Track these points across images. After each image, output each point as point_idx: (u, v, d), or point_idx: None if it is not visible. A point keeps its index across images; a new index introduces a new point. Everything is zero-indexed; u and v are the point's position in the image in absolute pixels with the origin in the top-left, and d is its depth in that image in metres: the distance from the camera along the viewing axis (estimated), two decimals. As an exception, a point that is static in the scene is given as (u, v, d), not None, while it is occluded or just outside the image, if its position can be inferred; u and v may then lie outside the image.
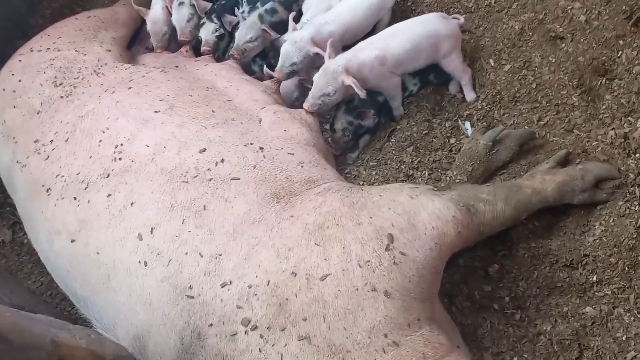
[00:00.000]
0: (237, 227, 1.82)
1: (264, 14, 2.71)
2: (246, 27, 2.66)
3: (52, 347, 1.50)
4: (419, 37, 2.34)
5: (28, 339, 1.45)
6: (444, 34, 2.36)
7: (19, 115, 2.44)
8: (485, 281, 2.07)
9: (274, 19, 2.72)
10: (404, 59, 2.36)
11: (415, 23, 2.39)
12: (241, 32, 2.66)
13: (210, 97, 2.33)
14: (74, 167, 2.14)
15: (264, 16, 2.70)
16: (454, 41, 2.39)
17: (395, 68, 2.36)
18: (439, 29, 2.36)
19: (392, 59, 2.33)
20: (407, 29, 2.36)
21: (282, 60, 2.49)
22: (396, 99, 2.47)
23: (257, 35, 2.64)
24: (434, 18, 2.39)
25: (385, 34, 2.38)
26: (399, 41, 2.32)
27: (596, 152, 2.15)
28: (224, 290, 1.72)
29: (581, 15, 2.40)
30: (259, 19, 2.68)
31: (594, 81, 2.30)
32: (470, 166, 2.20)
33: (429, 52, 2.38)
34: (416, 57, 2.38)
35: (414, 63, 2.40)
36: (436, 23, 2.37)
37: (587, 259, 2.02)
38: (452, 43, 2.38)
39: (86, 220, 1.99)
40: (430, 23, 2.37)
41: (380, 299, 1.63)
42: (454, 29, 2.39)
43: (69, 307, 2.51)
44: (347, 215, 1.79)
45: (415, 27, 2.36)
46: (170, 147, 2.06)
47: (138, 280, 1.83)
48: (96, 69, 2.55)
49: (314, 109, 2.33)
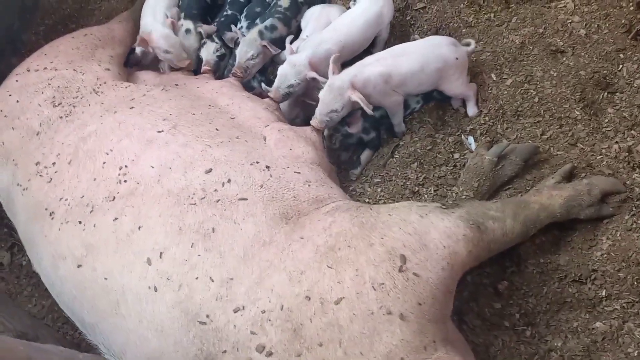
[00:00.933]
0: (247, 250, 1.81)
1: (264, 31, 2.71)
2: (246, 45, 2.65)
3: (66, 380, 1.48)
4: (428, 59, 2.33)
5: (44, 373, 1.42)
6: (452, 62, 2.35)
7: (18, 137, 2.40)
8: (495, 298, 2.06)
9: (273, 35, 2.72)
10: (409, 80, 2.35)
11: (426, 44, 2.38)
12: (242, 50, 2.65)
13: (213, 115, 2.31)
14: (78, 190, 2.11)
15: (263, 33, 2.70)
16: (461, 70, 2.37)
17: (398, 87, 2.36)
18: (448, 56, 2.34)
19: (397, 78, 2.33)
20: (416, 50, 2.35)
21: (279, 82, 2.49)
22: (397, 116, 2.46)
23: (258, 52, 2.64)
24: (444, 44, 2.37)
25: (393, 52, 2.37)
26: (407, 61, 2.32)
27: (601, 166, 2.17)
28: (237, 315, 1.70)
29: (581, 29, 2.43)
30: (258, 35, 2.67)
31: (596, 95, 2.32)
32: (476, 182, 2.20)
33: (435, 77, 2.36)
34: (421, 80, 2.36)
35: (418, 87, 2.39)
36: (445, 49, 2.35)
37: (595, 274, 2.03)
38: (459, 72, 2.37)
39: (93, 245, 1.96)
40: (439, 48, 2.35)
41: (396, 322, 1.62)
42: (463, 57, 2.37)
43: (71, 331, 2.48)
44: (358, 236, 1.77)
45: (425, 49, 2.35)
46: (175, 167, 2.04)
47: (148, 306, 1.80)
48: (95, 88, 2.53)
49: (322, 126, 2.32)
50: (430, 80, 2.38)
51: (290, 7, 2.80)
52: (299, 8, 2.83)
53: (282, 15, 2.78)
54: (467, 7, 2.68)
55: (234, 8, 3.03)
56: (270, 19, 2.75)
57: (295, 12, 2.82)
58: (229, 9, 3.03)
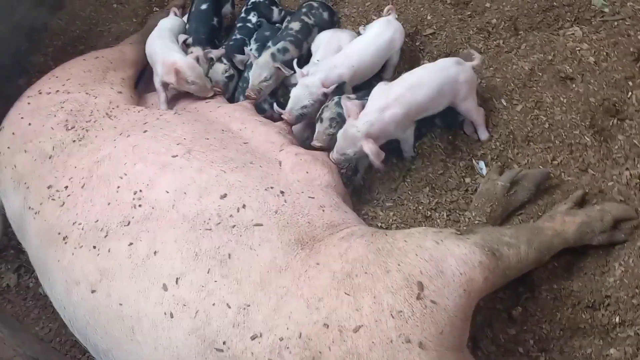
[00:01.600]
0: (264, 276, 1.80)
1: (276, 53, 2.73)
2: (260, 67, 2.67)
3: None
4: (441, 84, 2.36)
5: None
6: (462, 79, 2.38)
7: (30, 160, 2.40)
8: (509, 324, 2.07)
9: (285, 58, 2.74)
10: (427, 107, 2.38)
11: (436, 70, 2.41)
12: (255, 72, 2.68)
13: (227, 140, 2.32)
14: (92, 215, 2.10)
15: (276, 55, 2.72)
16: (470, 86, 2.41)
17: (418, 115, 2.39)
18: (457, 74, 2.38)
19: (416, 109, 2.35)
20: (429, 77, 2.37)
21: (292, 104, 2.50)
22: (409, 143, 2.47)
23: (271, 74, 2.66)
24: (451, 64, 2.40)
25: (407, 84, 2.37)
26: (423, 91, 2.33)
27: (612, 193, 2.18)
28: (255, 343, 1.69)
29: (590, 57, 2.46)
30: (271, 57, 2.70)
31: (606, 121, 2.34)
32: (489, 207, 2.21)
33: (450, 97, 2.40)
34: (438, 103, 2.40)
35: (436, 108, 2.42)
36: (454, 69, 2.38)
37: (609, 300, 2.03)
38: (468, 88, 2.40)
39: (107, 270, 1.95)
40: (449, 69, 2.39)
41: (415, 351, 1.61)
42: (470, 73, 2.41)
43: (79, 355, 2.47)
44: (374, 263, 1.77)
45: (437, 75, 2.38)
46: (190, 193, 2.05)
47: (164, 333, 1.79)
48: (108, 112, 2.53)
49: (338, 165, 2.35)
50: (445, 102, 2.42)
51: (301, 30, 2.83)
52: (310, 30, 2.86)
53: (293, 38, 2.81)
54: (477, 33, 2.72)
55: (242, 32, 3.06)
56: (282, 41, 2.78)
57: (306, 34, 2.85)
58: (238, 33, 3.06)
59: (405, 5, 2.91)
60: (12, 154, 2.46)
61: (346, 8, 3.07)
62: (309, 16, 2.87)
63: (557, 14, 2.67)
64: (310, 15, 2.88)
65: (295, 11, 3.04)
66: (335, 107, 2.44)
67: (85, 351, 2.38)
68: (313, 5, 2.91)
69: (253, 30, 3.06)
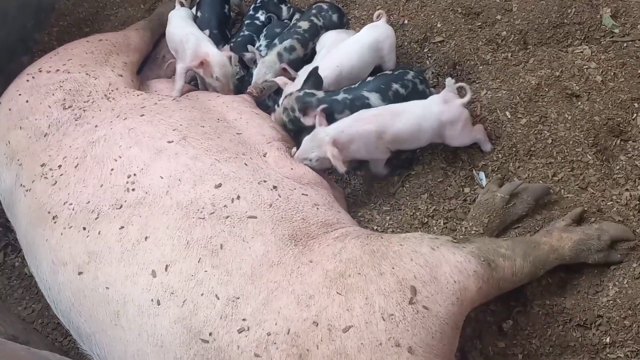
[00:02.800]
0: (255, 270, 1.78)
1: (283, 52, 2.70)
2: (265, 67, 2.65)
3: (64, 392, 1.42)
4: (422, 121, 2.30)
5: (45, 383, 1.37)
6: (444, 119, 2.32)
7: (25, 137, 2.37)
8: (499, 337, 2.04)
9: (292, 57, 2.72)
10: (403, 139, 2.33)
11: (420, 104, 2.36)
12: (260, 71, 2.65)
13: (221, 129, 2.30)
14: (84, 195, 2.07)
15: (282, 55, 2.69)
16: (460, 125, 2.33)
17: (391, 144, 2.34)
18: (440, 114, 2.31)
19: (390, 135, 2.30)
20: (413, 111, 2.32)
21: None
22: (378, 166, 2.44)
23: (276, 74, 2.64)
24: (436, 102, 2.33)
25: (391, 109, 2.34)
26: (402, 120, 2.29)
27: (611, 212, 2.17)
28: (241, 336, 1.66)
29: (597, 76, 2.45)
30: (277, 57, 2.67)
31: (609, 141, 2.33)
32: (487, 218, 2.19)
33: (431, 134, 2.35)
34: (417, 137, 2.35)
35: (415, 142, 2.38)
36: (437, 108, 2.32)
37: (600, 320, 2.01)
38: (457, 127, 2.33)
39: (96, 253, 1.92)
40: (431, 107, 2.33)
41: (404, 355, 1.59)
42: (458, 113, 2.32)
43: (60, 338, 2.42)
44: (368, 264, 1.75)
45: (419, 109, 2.33)
46: (185, 180, 2.02)
47: (150, 320, 1.76)
48: (107, 94, 2.51)
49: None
50: (426, 138, 2.36)
51: (309, 30, 2.80)
52: (317, 31, 2.83)
53: (300, 37, 2.78)
54: (486, 44, 2.70)
55: (250, 29, 3.03)
56: (290, 39, 2.75)
57: (313, 34, 2.82)
58: (246, 29, 3.03)
59: (416, 11, 2.90)
60: (7, 129, 2.43)
61: (356, 10, 3.05)
62: (318, 17, 2.85)
63: (567, 31, 2.67)
64: (319, 17, 2.85)
65: (305, 11, 3.01)
66: (295, 101, 2.43)
67: (67, 334, 2.34)
68: (323, 7, 2.89)
69: (261, 27, 3.03)
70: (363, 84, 2.48)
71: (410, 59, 2.77)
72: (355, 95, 2.43)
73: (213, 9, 2.99)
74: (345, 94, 2.44)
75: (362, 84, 2.48)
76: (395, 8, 2.94)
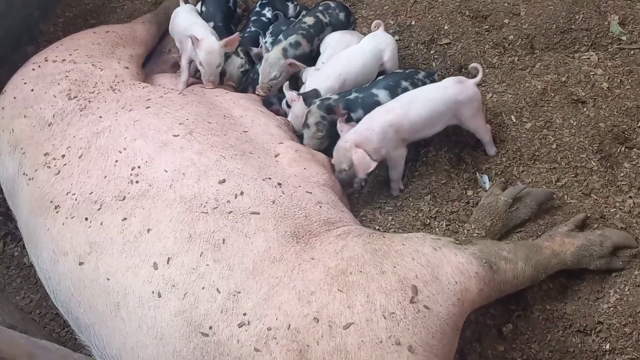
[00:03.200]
0: (256, 265, 1.77)
1: (288, 48, 2.70)
2: (269, 65, 2.64)
3: (64, 380, 1.41)
4: (437, 103, 2.31)
5: (45, 371, 1.36)
6: (462, 99, 2.32)
7: (29, 126, 2.36)
8: (498, 341, 2.04)
9: (297, 52, 2.70)
10: (421, 126, 2.33)
11: (433, 88, 2.37)
12: (265, 70, 2.64)
13: (228, 126, 2.30)
14: (87, 186, 2.07)
15: (287, 50, 2.69)
16: (475, 105, 2.35)
17: (410, 135, 2.34)
18: (457, 94, 2.32)
19: (408, 125, 2.30)
20: (424, 95, 2.33)
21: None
22: (398, 170, 2.41)
23: (281, 71, 2.63)
24: (451, 83, 2.35)
25: (402, 100, 2.34)
26: (416, 108, 2.29)
27: (614, 219, 2.17)
28: (242, 330, 1.65)
29: (603, 82, 2.46)
30: (282, 53, 2.67)
31: (614, 148, 2.34)
32: (489, 221, 2.19)
33: (448, 116, 2.35)
34: (434, 124, 2.35)
35: (432, 130, 2.37)
36: (453, 88, 2.33)
37: (601, 326, 2.01)
38: (473, 107, 2.35)
39: (97, 243, 1.91)
40: (447, 88, 2.33)
41: (404, 354, 1.58)
42: (472, 92, 2.34)
43: (58, 329, 2.41)
44: (370, 263, 1.75)
45: (433, 92, 2.34)
46: (189, 174, 2.01)
47: (150, 312, 1.75)
48: (113, 85, 2.50)
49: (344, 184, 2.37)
50: (443, 121, 2.36)
51: (315, 25, 2.79)
52: (323, 28, 2.82)
53: (305, 32, 2.76)
54: (492, 48, 2.70)
55: (257, 25, 3.02)
56: (295, 35, 2.74)
57: (318, 30, 2.80)
58: (252, 25, 3.02)
59: (423, 13, 2.90)
60: (11, 118, 2.43)
61: (364, 10, 3.05)
62: (324, 14, 2.84)
63: (575, 37, 2.67)
64: (326, 14, 2.84)
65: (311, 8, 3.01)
66: (318, 110, 2.43)
67: (65, 325, 2.33)
68: (330, 4, 2.89)
69: (267, 24, 3.03)
70: (373, 82, 2.51)
71: (417, 60, 2.77)
72: (366, 93, 2.47)
73: (217, 3, 2.99)
74: (356, 93, 2.47)
75: (373, 83, 2.51)
76: (402, 9, 2.94)
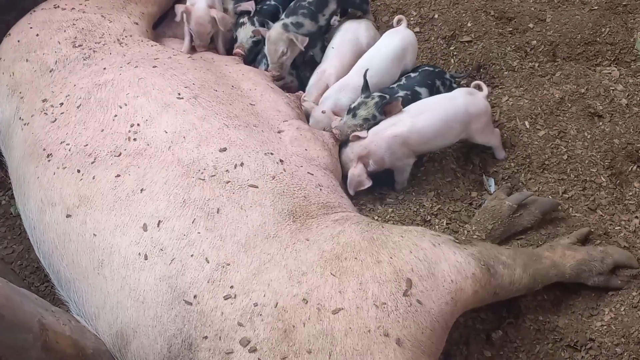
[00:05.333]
0: (249, 239, 1.71)
1: (290, 24, 2.56)
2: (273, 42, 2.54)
3: (39, 330, 1.35)
4: (447, 115, 2.24)
5: (20, 316, 1.29)
6: (472, 111, 2.26)
7: (30, 70, 2.30)
8: (486, 346, 1.98)
9: (300, 32, 2.57)
10: (430, 139, 2.26)
11: (443, 98, 2.30)
12: (270, 49, 2.55)
13: (234, 96, 2.23)
14: (82, 137, 2.00)
15: (289, 26, 2.56)
16: (485, 118, 2.29)
17: (418, 147, 2.27)
18: (467, 105, 2.26)
19: (416, 138, 2.24)
20: (434, 106, 2.27)
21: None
22: (404, 176, 2.36)
23: (287, 45, 2.53)
24: (461, 94, 2.29)
25: (410, 112, 2.28)
26: (424, 119, 2.23)
27: (618, 237, 2.12)
28: (227, 303, 1.60)
29: (623, 98, 2.41)
30: (283, 28, 2.54)
31: (625, 166, 2.29)
32: (491, 224, 2.14)
33: (459, 129, 2.28)
34: (445, 136, 2.28)
35: (442, 142, 2.31)
36: (463, 99, 2.27)
37: (592, 344, 1.96)
38: (482, 121, 2.29)
39: (88, 197, 1.85)
40: (457, 99, 2.27)
41: (391, 346, 1.53)
42: (482, 105, 2.29)
43: (37, 283, 2.35)
44: (366, 251, 1.70)
45: (443, 103, 2.27)
46: (190, 138, 1.95)
47: (134, 274, 1.69)
48: (120, 39, 2.44)
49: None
50: (452, 133, 2.29)
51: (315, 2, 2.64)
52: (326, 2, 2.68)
53: (306, 10, 2.62)
54: (514, 51, 2.65)
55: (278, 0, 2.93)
56: (294, 16, 2.60)
57: (321, 5, 2.66)
58: None
59: (447, 7, 2.83)
60: (13, 61, 2.37)
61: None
62: None
63: (598, 50, 2.62)
64: None
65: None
66: (374, 108, 2.32)
67: (45, 280, 2.28)
68: None
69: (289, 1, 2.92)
70: (410, 79, 2.47)
71: (435, 55, 2.71)
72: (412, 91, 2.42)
73: None
74: (404, 90, 2.43)
75: (409, 80, 2.47)
76: (427, 1, 2.88)
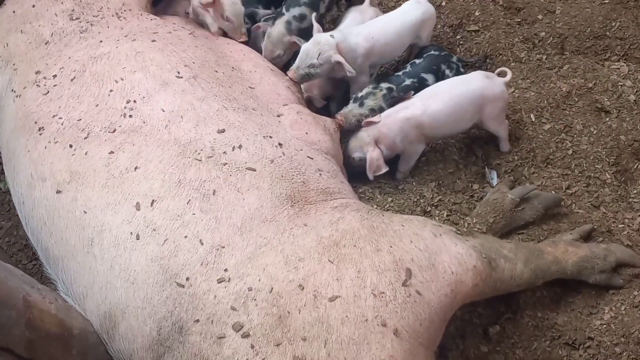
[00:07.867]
0: (245, 222, 1.66)
1: (292, 21, 2.48)
2: (272, 42, 2.47)
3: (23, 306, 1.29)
4: (461, 99, 2.19)
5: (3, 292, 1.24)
6: (489, 95, 2.20)
7: (25, 42, 2.24)
8: (483, 341, 1.95)
9: (303, 25, 2.50)
10: (442, 123, 2.21)
11: (457, 83, 2.24)
12: (267, 47, 2.48)
13: (234, 78, 2.17)
14: (76, 112, 1.94)
15: (291, 23, 2.48)
16: (500, 104, 2.24)
17: (431, 131, 2.22)
18: (483, 89, 2.20)
19: (428, 122, 2.19)
20: (447, 89, 2.21)
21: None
22: (409, 164, 2.32)
23: (285, 48, 2.48)
24: (477, 77, 2.23)
25: (423, 95, 2.23)
26: (437, 102, 2.18)
27: (621, 236, 2.08)
28: (220, 286, 1.55)
29: (631, 95, 2.36)
30: (286, 27, 2.47)
31: (631, 163, 2.24)
32: (492, 218, 2.09)
33: (473, 113, 2.22)
34: (457, 121, 2.23)
35: (455, 128, 2.27)
36: (479, 83, 2.21)
37: (590, 342, 1.92)
38: (497, 106, 2.23)
39: (79, 173, 1.79)
40: (472, 82, 2.22)
41: (388, 336, 1.49)
42: (500, 90, 2.22)
43: (25, 261, 2.29)
44: (365, 239, 1.65)
45: (457, 88, 2.21)
46: (188, 118, 1.89)
47: (125, 253, 1.64)
48: (118, 12, 2.37)
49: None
50: (467, 119, 2.24)
51: None
52: None
53: (308, 1, 2.53)
54: (522, 42, 2.60)
55: None
56: (297, 7, 2.52)
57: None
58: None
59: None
60: (7, 31, 2.31)
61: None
62: None
63: (608, 44, 2.57)
64: None
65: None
66: (382, 100, 2.29)
67: (33, 258, 2.22)
68: None
69: None
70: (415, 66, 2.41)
71: (441, 43, 2.66)
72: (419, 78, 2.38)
73: None
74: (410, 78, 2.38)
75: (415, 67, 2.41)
76: (435, -14, 2.82)
